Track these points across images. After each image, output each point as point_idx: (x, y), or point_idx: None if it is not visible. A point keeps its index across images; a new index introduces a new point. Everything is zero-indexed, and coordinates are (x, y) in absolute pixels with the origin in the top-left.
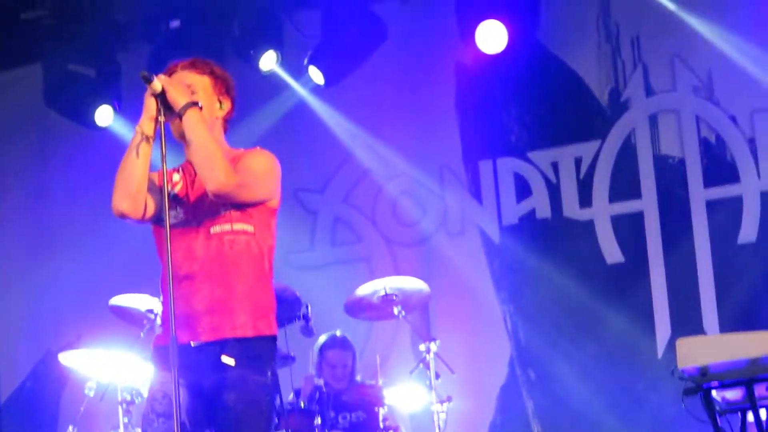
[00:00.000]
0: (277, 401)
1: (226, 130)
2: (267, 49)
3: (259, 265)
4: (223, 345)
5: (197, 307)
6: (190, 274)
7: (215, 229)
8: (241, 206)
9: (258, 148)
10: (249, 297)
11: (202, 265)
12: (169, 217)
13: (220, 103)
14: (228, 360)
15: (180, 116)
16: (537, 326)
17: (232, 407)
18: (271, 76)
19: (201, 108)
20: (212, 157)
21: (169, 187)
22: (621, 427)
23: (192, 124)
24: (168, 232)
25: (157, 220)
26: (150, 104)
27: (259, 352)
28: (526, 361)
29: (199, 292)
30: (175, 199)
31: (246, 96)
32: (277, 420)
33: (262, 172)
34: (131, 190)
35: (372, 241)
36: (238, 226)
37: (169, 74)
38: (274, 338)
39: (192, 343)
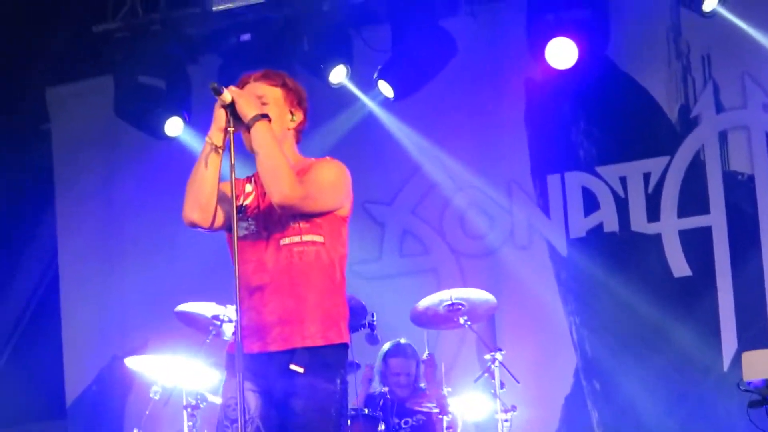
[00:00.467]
0: (348, 409)
1: (298, 141)
2: (337, 64)
3: (329, 274)
4: (293, 353)
5: (268, 318)
6: (261, 285)
7: (285, 240)
8: (310, 217)
9: (328, 158)
10: (319, 307)
11: (272, 276)
12: (241, 228)
13: (292, 114)
14: (296, 368)
15: (249, 128)
16: (603, 338)
17: (300, 413)
18: (341, 90)
19: (270, 120)
20: (277, 169)
21: (242, 199)
22: None
23: (259, 135)
24: (236, 242)
25: (229, 228)
26: (219, 115)
27: (329, 360)
28: (592, 372)
29: (269, 304)
30: (246, 211)
31: (315, 109)
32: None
33: (328, 183)
34: (201, 201)
35: (439, 253)
36: (308, 237)
37: (242, 86)
38: (345, 346)
39: (262, 353)
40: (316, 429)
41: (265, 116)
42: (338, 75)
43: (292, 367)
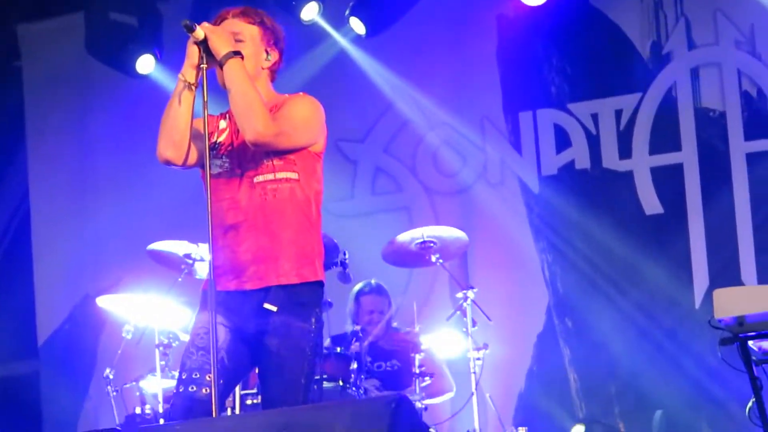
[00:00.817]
0: (322, 347)
1: (273, 80)
2: (309, 0)
3: (304, 211)
4: (267, 292)
5: (243, 257)
6: (235, 224)
7: (258, 178)
8: (284, 153)
9: (301, 93)
10: (294, 244)
11: (246, 214)
12: (214, 166)
13: (267, 53)
14: (270, 307)
15: (221, 65)
16: (575, 275)
17: (275, 352)
18: (313, 27)
19: (242, 57)
20: (250, 106)
21: (215, 136)
22: (657, 376)
23: (232, 73)
24: (208, 180)
25: (203, 166)
26: (192, 52)
27: (303, 299)
28: (564, 309)
29: (244, 242)
30: (220, 148)
31: (288, 47)
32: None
33: (302, 119)
34: (175, 138)
35: (412, 191)
36: (282, 175)
37: (220, 21)
38: (319, 284)
39: (237, 290)
40: (291, 367)
41: (237, 53)
42: (310, 12)
43: (266, 306)
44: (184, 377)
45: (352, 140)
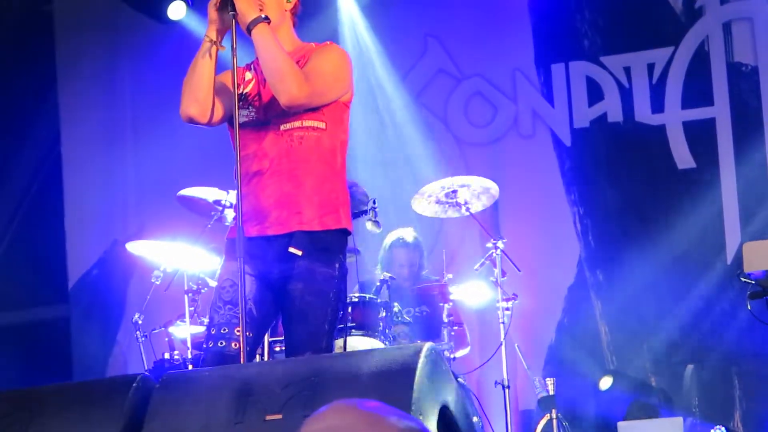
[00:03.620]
0: (345, 294)
1: (295, 24)
2: None
3: (330, 160)
4: (291, 237)
5: (265, 202)
6: (260, 170)
7: (285, 126)
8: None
9: (329, 43)
10: (317, 192)
11: (272, 161)
12: (241, 116)
13: None
14: (295, 251)
15: (249, 31)
16: (606, 229)
17: (299, 296)
18: None
19: (269, 21)
20: (283, 71)
21: (242, 87)
22: (688, 329)
23: (261, 39)
24: (237, 130)
25: (229, 120)
26: (211, 11)
27: (327, 245)
28: (595, 262)
29: (267, 188)
30: (247, 99)
31: None
32: (342, 313)
33: (332, 75)
34: (199, 96)
35: (443, 141)
36: (309, 123)
37: None
38: (344, 231)
39: (260, 236)
40: (315, 312)
41: (265, 19)
42: None
43: (291, 249)
44: (213, 332)
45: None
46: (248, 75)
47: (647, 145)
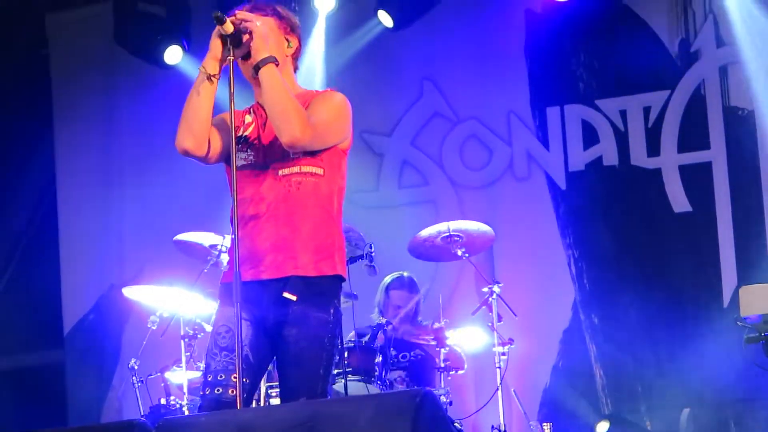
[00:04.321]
0: (340, 339)
1: (296, 69)
2: None
3: (326, 206)
4: (286, 282)
5: (261, 246)
6: (257, 214)
7: (283, 171)
8: (315, 153)
9: (329, 90)
10: (313, 237)
11: (269, 206)
12: (239, 159)
13: (288, 41)
14: (290, 296)
15: (257, 68)
16: (602, 272)
17: (293, 342)
18: (338, 18)
19: (278, 64)
20: (288, 112)
21: (241, 129)
22: (683, 373)
23: (269, 79)
24: (234, 172)
25: (227, 160)
26: (216, 44)
27: (322, 290)
28: (590, 305)
29: (263, 232)
30: (246, 141)
31: (315, 38)
32: (337, 357)
33: (333, 120)
34: (194, 129)
35: (439, 184)
36: (307, 168)
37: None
38: (339, 278)
39: (255, 281)
40: (309, 358)
41: (274, 59)
42: (324, 4)
43: (286, 295)
44: (209, 379)
45: (379, 133)
46: (248, 118)
47: (643, 188)
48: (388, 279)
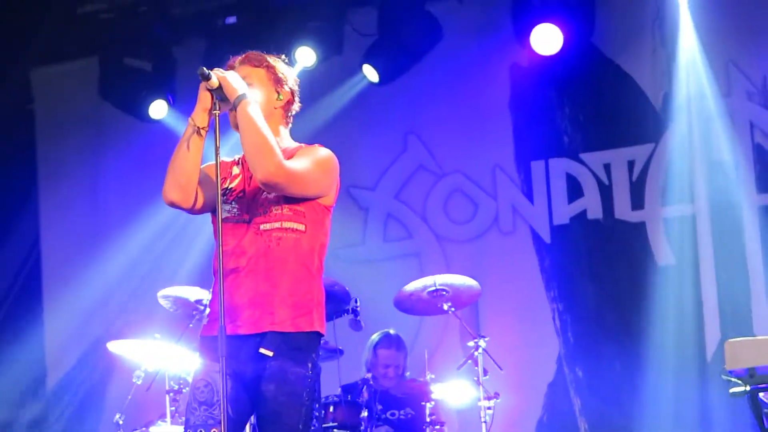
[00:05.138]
0: (319, 393)
1: (289, 123)
2: (300, 45)
3: (307, 262)
4: (263, 337)
5: (239, 300)
6: (236, 268)
7: (265, 226)
8: (293, 202)
9: (317, 145)
10: (291, 294)
11: (249, 260)
12: (224, 211)
13: (278, 93)
14: (266, 351)
15: (234, 107)
16: (586, 325)
17: (272, 397)
18: (325, 73)
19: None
20: (262, 146)
21: (227, 182)
22: (669, 426)
23: (245, 113)
24: (220, 225)
25: (213, 211)
26: (204, 96)
27: (300, 345)
28: (575, 359)
29: (242, 286)
30: (231, 194)
31: (303, 91)
32: (322, 412)
33: (316, 167)
34: (181, 181)
35: (424, 238)
36: (289, 224)
37: (228, 70)
38: (316, 334)
39: (232, 335)
40: (289, 413)
41: (249, 96)
42: (305, 57)
43: (262, 350)
44: None
45: (364, 187)
46: (235, 170)
47: (627, 241)
48: (375, 337)
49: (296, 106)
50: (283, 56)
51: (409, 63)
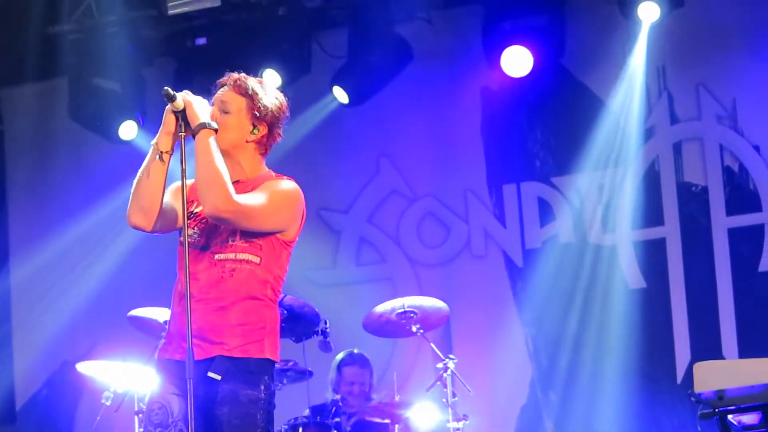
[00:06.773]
0: (273, 415)
1: (265, 154)
2: (267, 68)
3: (259, 293)
4: (212, 361)
5: (191, 326)
6: (190, 294)
7: (219, 256)
8: (251, 234)
9: (285, 178)
10: (241, 324)
11: (200, 288)
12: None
13: (254, 126)
14: (214, 375)
15: (194, 135)
16: (559, 349)
17: (225, 421)
18: (293, 94)
19: (216, 131)
20: (212, 180)
21: (195, 205)
22: None
23: (201, 144)
24: (186, 248)
25: (178, 232)
26: (169, 120)
27: (250, 368)
28: (548, 383)
29: (193, 313)
30: (195, 219)
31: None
32: None
33: (272, 203)
34: (143, 205)
35: (396, 262)
36: (243, 256)
37: (219, 87)
38: (267, 361)
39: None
40: None
41: (210, 125)
42: (271, 80)
43: (210, 374)
44: None
45: (336, 210)
46: None
47: (599, 265)
48: (339, 356)
49: (277, 138)
50: (277, 87)
51: (379, 85)
